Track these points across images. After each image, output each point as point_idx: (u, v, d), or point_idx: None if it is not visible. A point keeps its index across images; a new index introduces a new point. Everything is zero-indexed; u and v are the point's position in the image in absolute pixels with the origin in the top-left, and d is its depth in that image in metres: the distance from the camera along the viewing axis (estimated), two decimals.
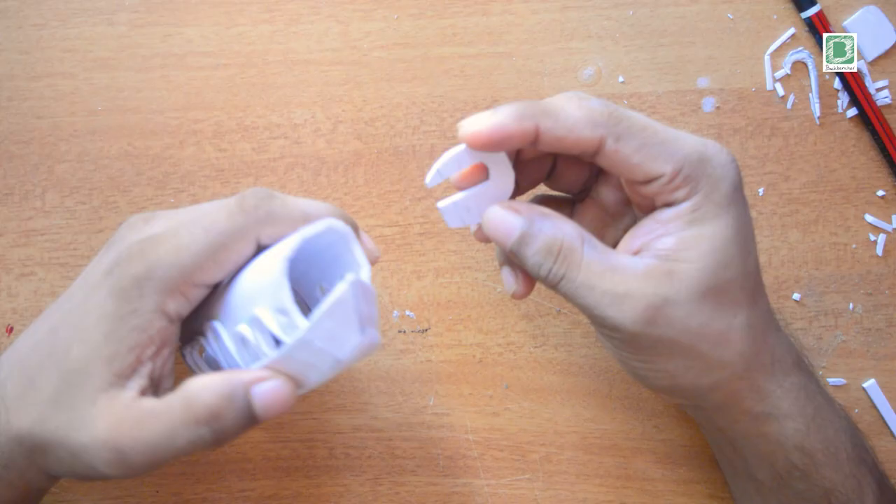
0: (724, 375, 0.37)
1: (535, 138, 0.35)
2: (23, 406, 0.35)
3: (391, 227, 0.49)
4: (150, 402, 0.33)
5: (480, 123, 0.35)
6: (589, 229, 0.38)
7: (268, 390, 0.33)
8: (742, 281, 0.36)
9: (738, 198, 0.36)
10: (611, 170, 0.36)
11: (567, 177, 0.40)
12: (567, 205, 0.42)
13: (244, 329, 0.34)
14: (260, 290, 0.34)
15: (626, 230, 0.39)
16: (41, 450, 0.35)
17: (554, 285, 0.36)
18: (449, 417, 0.48)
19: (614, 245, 0.39)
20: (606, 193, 0.40)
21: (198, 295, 0.35)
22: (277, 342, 0.34)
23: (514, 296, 0.40)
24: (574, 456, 0.48)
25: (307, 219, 0.35)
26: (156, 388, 0.35)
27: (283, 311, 0.33)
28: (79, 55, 0.49)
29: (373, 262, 0.36)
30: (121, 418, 0.33)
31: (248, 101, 0.49)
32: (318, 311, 0.32)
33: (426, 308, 0.49)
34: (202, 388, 0.33)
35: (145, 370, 0.34)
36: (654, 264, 0.35)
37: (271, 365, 0.34)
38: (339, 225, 0.35)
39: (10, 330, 0.48)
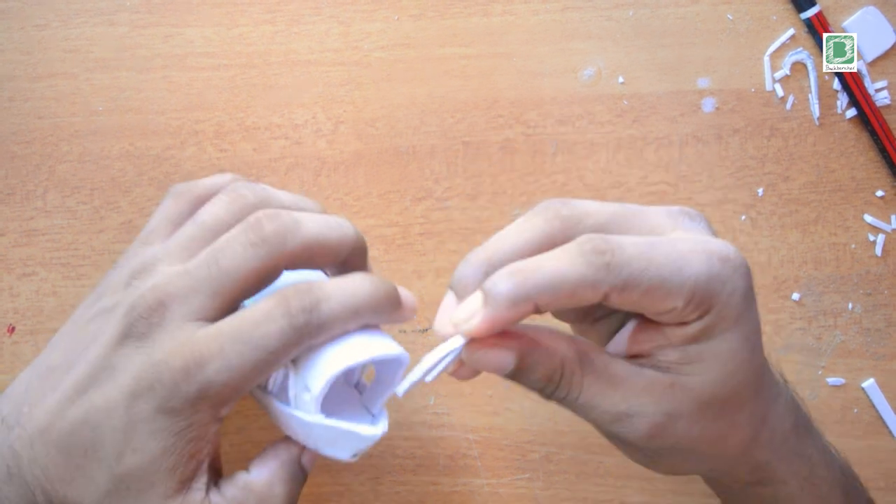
0: (722, 462, 0.37)
1: (534, 311, 0.33)
2: (76, 491, 0.34)
3: (391, 227, 0.49)
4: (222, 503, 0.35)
5: (476, 319, 0.32)
6: (583, 321, 0.37)
7: (310, 454, 0.37)
8: (748, 382, 0.35)
9: (748, 305, 0.34)
10: (618, 309, 0.34)
11: (565, 316, 0.39)
12: None
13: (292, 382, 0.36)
14: (316, 365, 0.35)
15: (621, 322, 0.37)
16: None
17: (554, 402, 0.35)
18: (449, 417, 0.48)
19: (611, 335, 0.37)
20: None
21: None
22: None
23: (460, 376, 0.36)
24: (574, 456, 0.48)
25: (357, 318, 0.35)
26: (212, 468, 0.36)
27: (308, 390, 0.34)
28: (80, 56, 0.49)
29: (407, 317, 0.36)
30: None
31: (249, 101, 0.49)
32: (339, 425, 0.34)
33: (426, 308, 0.49)
34: (269, 481, 0.36)
35: (206, 466, 0.35)
36: (656, 378, 0.34)
37: (269, 400, 0.36)
38: (404, 358, 0.36)
39: (12, 330, 0.49)
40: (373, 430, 0.35)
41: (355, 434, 0.35)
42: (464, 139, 0.49)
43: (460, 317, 0.33)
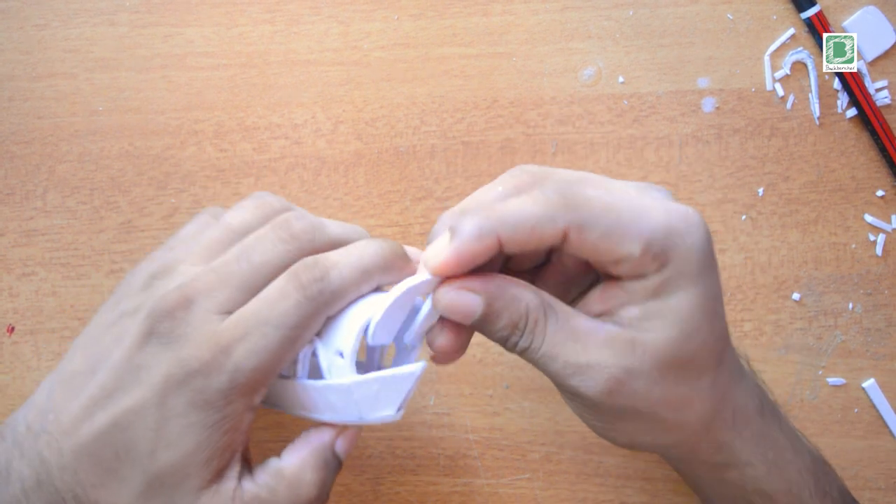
0: (683, 435, 0.37)
1: (499, 248, 0.34)
2: (110, 494, 0.35)
3: (392, 227, 0.49)
4: (253, 490, 0.35)
5: (443, 254, 0.33)
6: (550, 290, 0.37)
7: (346, 439, 0.37)
8: (708, 347, 0.35)
9: (707, 264, 0.34)
10: (577, 255, 0.35)
11: (525, 262, 0.39)
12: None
13: (321, 352, 0.36)
14: (341, 329, 0.35)
15: (589, 287, 0.38)
16: None
17: (517, 353, 0.36)
18: (449, 417, 0.48)
19: (575, 302, 0.38)
20: (567, 260, 0.38)
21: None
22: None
23: (438, 358, 0.37)
24: (574, 456, 0.48)
25: (369, 279, 0.35)
26: (244, 457, 0.37)
27: (342, 355, 0.35)
28: (80, 55, 0.49)
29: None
30: None
31: (249, 101, 0.49)
32: (377, 375, 0.34)
33: None
34: (300, 468, 0.36)
35: (239, 455, 0.35)
36: (616, 333, 0.34)
37: (299, 384, 0.36)
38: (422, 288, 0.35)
39: (11, 330, 0.49)
40: (411, 367, 0.34)
41: (397, 377, 0.34)
42: (464, 139, 0.49)
43: (429, 255, 0.34)
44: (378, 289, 0.36)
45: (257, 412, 0.36)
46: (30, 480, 0.35)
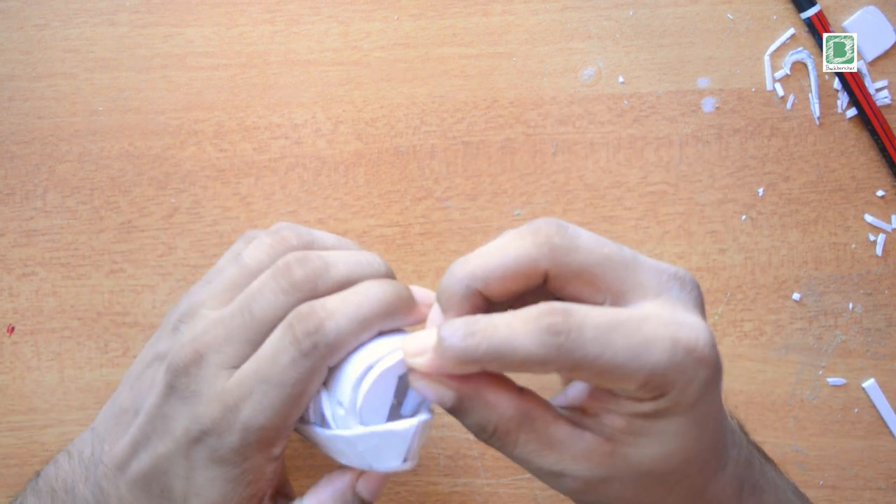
0: None
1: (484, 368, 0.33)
2: None
3: (392, 227, 0.49)
4: None
5: (422, 361, 0.33)
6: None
7: (370, 480, 0.36)
8: (690, 461, 0.34)
9: (707, 393, 0.33)
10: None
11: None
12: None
13: (325, 403, 0.36)
14: (343, 381, 0.35)
15: None
16: None
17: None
18: (449, 417, 0.48)
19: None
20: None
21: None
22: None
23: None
24: None
25: (368, 328, 0.35)
26: (277, 494, 0.37)
27: (342, 406, 0.35)
28: (80, 55, 0.49)
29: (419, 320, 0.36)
30: None
31: (249, 101, 0.49)
32: (375, 429, 0.34)
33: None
34: None
35: (267, 499, 0.36)
36: (596, 445, 0.33)
37: (311, 430, 0.36)
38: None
39: (12, 330, 0.49)
40: (408, 422, 0.34)
41: (393, 433, 0.34)
42: (464, 139, 0.49)
43: (410, 348, 0.33)
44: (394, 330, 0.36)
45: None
46: None
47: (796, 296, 0.49)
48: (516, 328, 0.31)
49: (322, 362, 0.34)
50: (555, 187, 0.49)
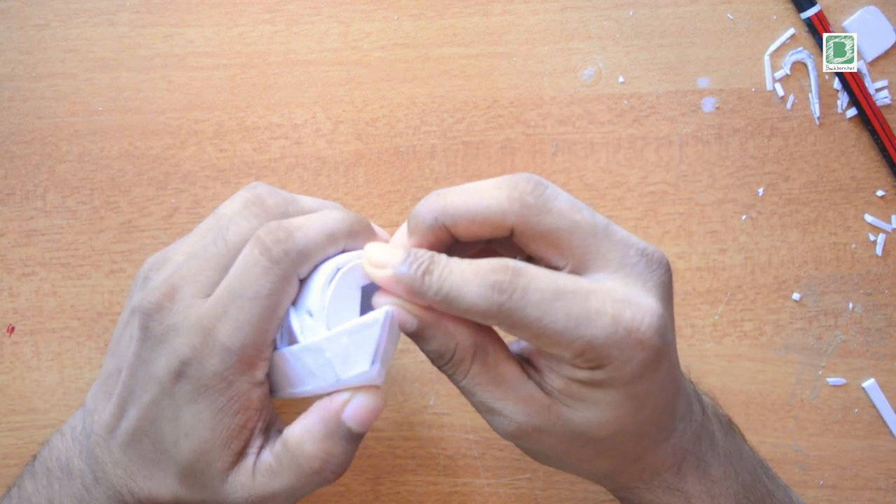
0: (593, 477, 0.38)
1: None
2: (156, 485, 0.37)
3: (392, 227, 0.49)
4: (268, 460, 0.35)
5: (381, 275, 0.34)
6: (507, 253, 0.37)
7: (357, 407, 0.35)
8: (624, 433, 0.35)
9: (646, 375, 0.34)
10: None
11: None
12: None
13: (293, 318, 0.36)
14: (312, 288, 0.35)
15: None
16: None
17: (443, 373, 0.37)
18: (449, 417, 0.48)
19: None
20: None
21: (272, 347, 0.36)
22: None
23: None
24: None
25: (335, 242, 0.36)
26: (268, 429, 0.37)
27: (311, 314, 0.35)
28: (80, 55, 0.49)
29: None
30: (252, 484, 0.35)
31: (249, 101, 0.49)
32: (343, 327, 0.34)
33: None
34: (301, 437, 0.35)
35: (258, 431, 0.36)
36: (536, 396, 0.35)
37: (279, 354, 0.35)
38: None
39: (12, 330, 0.49)
40: (375, 314, 0.34)
41: (364, 325, 0.34)
42: (464, 139, 0.49)
43: (372, 256, 0.34)
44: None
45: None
46: (88, 477, 0.37)
47: (796, 296, 0.49)
48: (467, 278, 0.33)
49: (293, 269, 0.34)
50: None
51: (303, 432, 0.35)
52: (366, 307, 0.35)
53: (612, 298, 0.33)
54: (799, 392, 0.49)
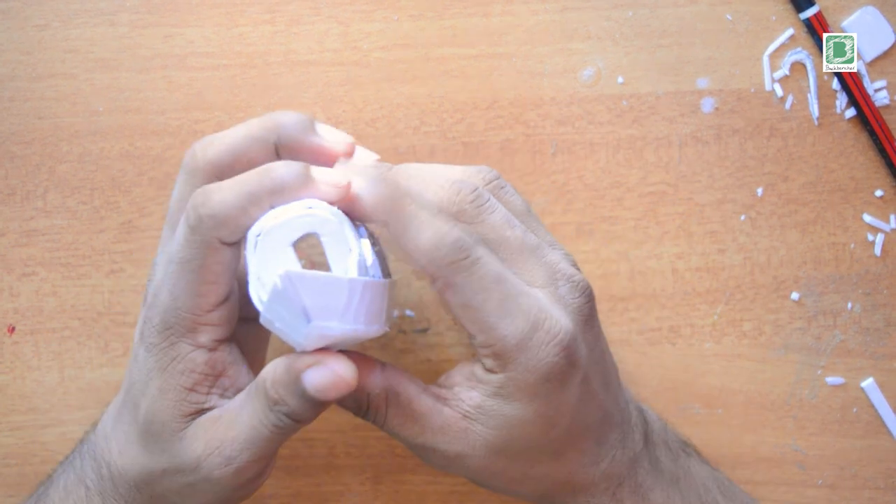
0: (529, 499, 0.40)
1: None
2: (128, 459, 0.37)
3: None
4: (227, 406, 0.36)
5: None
6: None
7: (318, 376, 0.34)
8: (540, 450, 0.37)
9: (553, 387, 0.35)
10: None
11: None
12: None
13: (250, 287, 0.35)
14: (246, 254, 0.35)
15: None
16: (160, 495, 0.37)
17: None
18: None
19: None
20: None
21: (224, 311, 0.36)
22: None
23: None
24: None
25: (257, 203, 0.34)
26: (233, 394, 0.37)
27: (262, 284, 0.34)
28: (80, 56, 0.49)
29: (340, 191, 0.35)
30: (210, 436, 0.35)
31: (249, 101, 0.49)
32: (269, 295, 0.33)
33: (426, 308, 0.49)
34: (266, 375, 0.35)
35: (213, 396, 0.36)
36: (452, 419, 0.36)
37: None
38: (325, 217, 0.34)
39: (12, 330, 0.49)
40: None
41: (281, 295, 0.33)
42: (463, 139, 0.49)
43: (332, 179, 0.34)
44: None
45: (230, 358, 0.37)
46: (86, 455, 0.40)
47: (795, 296, 0.49)
48: (432, 220, 0.34)
49: (211, 235, 0.34)
50: (554, 187, 0.49)
51: (271, 367, 0.35)
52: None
53: (539, 306, 0.35)
54: (798, 392, 0.49)
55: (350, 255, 0.34)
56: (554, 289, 0.36)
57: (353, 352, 0.36)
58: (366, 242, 0.35)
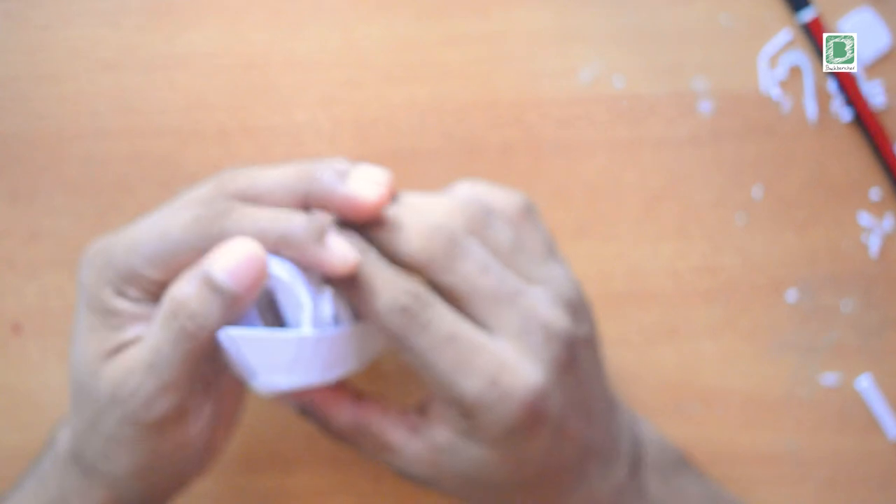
0: None
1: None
2: (64, 428, 0.39)
3: None
4: (143, 334, 0.35)
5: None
6: None
7: (224, 259, 0.32)
8: (511, 488, 0.37)
9: (517, 440, 0.35)
10: None
11: None
12: None
13: None
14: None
15: None
16: (90, 465, 0.37)
17: None
18: None
19: None
20: None
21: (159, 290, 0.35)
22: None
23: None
24: None
25: (263, 236, 0.34)
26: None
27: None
28: (83, 57, 0.49)
29: (344, 267, 0.34)
30: (116, 369, 0.34)
31: (251, 102, 0.49)
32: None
33: None
34: (172, 285, 0.34)
35: (139, 325, 0.35)
36: (424, 452, 0.37)
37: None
38: (277, 273, 0.34)
39: (18, 330, 0.49)
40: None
41: (232, 353, 0.34)
42: (464, 140, 0.50)
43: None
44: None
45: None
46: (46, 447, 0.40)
47: (792, 295, 0.49)
48: (387, 282, 0.34)
49: (208, 238, 0.34)
50: (554, 188, 0.49)
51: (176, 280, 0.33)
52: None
53: (499, 361, 0.34)
54: (794, 391, 0.49)
55: (303, 310, 0.34)
56: (527, 338, 0.34)
57: (325, 387, 0.37)
58: (326, 295, 0.35)
